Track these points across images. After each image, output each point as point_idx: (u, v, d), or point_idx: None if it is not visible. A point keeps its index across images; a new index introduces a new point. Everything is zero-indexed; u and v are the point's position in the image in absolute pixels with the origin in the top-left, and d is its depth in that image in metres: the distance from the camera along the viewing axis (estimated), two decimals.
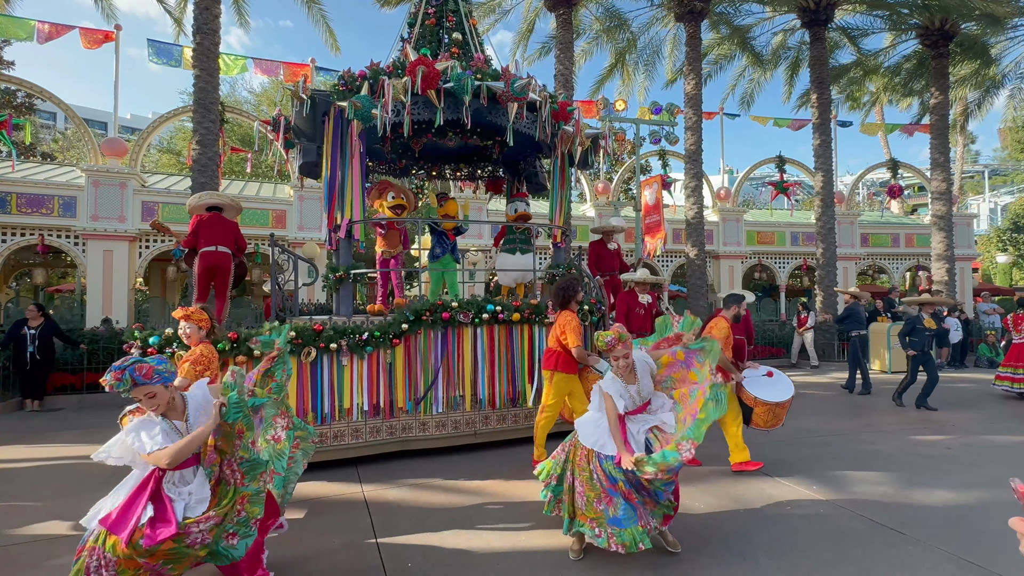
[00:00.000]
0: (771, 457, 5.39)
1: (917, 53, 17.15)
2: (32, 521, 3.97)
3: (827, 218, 14.66)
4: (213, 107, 10.75)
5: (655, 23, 16.67)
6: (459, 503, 4.24)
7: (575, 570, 3.17)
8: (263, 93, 26.41)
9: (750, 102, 18.88)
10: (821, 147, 14.85)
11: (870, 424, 6.92)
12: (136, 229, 11.99)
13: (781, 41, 17.52)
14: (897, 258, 18.83)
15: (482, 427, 5.68)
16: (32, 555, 3.44)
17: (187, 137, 17.20)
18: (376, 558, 3.32)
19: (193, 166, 10.66)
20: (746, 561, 3.24)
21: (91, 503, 2.64)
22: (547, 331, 5.89)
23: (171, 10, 13.89)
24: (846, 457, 5.41)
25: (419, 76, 5.36)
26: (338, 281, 5.99)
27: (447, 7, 6.93)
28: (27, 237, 11.55)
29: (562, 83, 13.49)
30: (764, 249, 17.69)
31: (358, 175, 5.85)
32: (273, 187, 15.51)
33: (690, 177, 14.14)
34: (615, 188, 16.96)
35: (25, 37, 11.83)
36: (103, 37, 12.34)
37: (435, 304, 5.49)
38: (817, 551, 3.37)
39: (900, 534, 3.60)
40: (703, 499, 4.25)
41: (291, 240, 13.03)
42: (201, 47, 10.59)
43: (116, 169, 11.78)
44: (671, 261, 16.92)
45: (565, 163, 6.70)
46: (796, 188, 18.48)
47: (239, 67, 13.94)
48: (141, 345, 4.74)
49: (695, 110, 14.06)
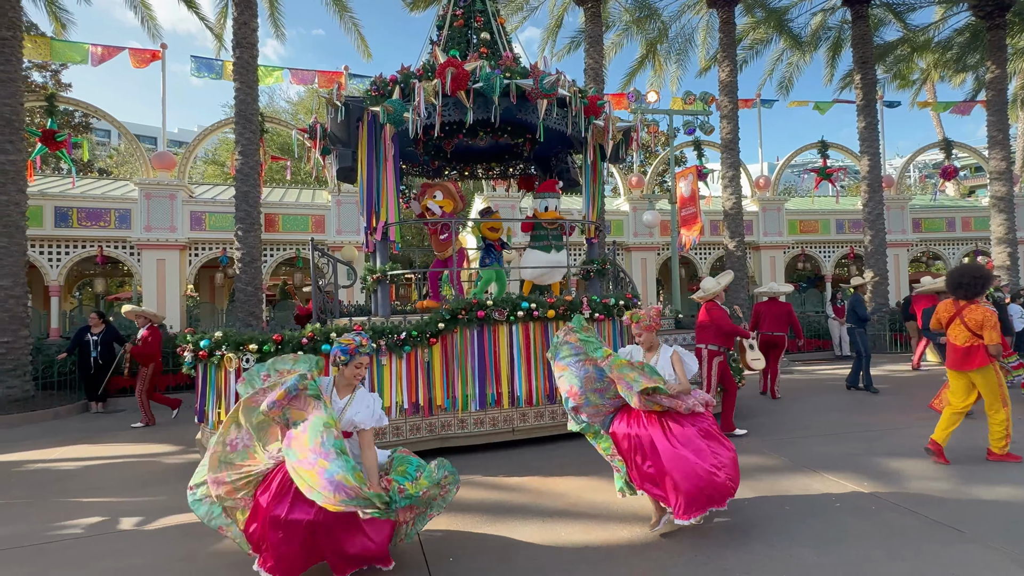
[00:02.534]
0: (817, 452, 5.22)
1: (970, 26, 16.20)
2: (87, 516, 4.23)
3: (875, 204, 14.04)
4: (253, 118, 11.16)
5: (686, 11, 16.31)
6: (499, 499, 4.29)
7: (617, 563, 3.16)
8: (299, 102, 27.16)
9: (789, 87, 18.24)
10: (867, 130, 14.23)
11: (924, 417, 6.60)
12: (186, 238, 12.56)
13: (821, 21, 16.85)
14: (953, 243, 17.86)
15: (520, 424, 5.72)
16: (85, 552, 3.67)
17: (230, 148, 17.88)
18: (419, 553, 3.40)
19: (236, 175, 11.11)
20: (789, 556, 3.16)
21: (151, 498, 2.80)
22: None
23: (212, 26, 14.45)
24: (898, 451, 5.18)
25: (449, 77, 5.43)
26: (376, 282, 6.13)
27: (475, 7, 6.98)
28: (87, 249, 12.25)
29: (592, 77, 13.38)
30: (807, 238, 17.08)
31: (392, 178, 5.98)
32: (312, 193, 15.96)
33: (727, 167, 13.79)
34: (649, 181, 16.69)
35: (80, 60, 12.53)
36: (151, 56, 12.97)
37: (470, 303, 5.55)
38: (865, 548, 3.25)
39: (957, 532, 3.44)
40: (743, 492, 4.16)
41: (330, 244, 13.39)
42: (240, 60, 11.01)
43: (166, 181, 12.37)
44: (709, 253, 16.55)
45: (597, 157, 6.66)
46: (841, 174, 17.77)
47: (276, 77, 14.41)
48: (193, 348, 4.98)
49: (730, 98, 13.70)
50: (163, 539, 3.77)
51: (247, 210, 11.00)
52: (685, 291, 17.62)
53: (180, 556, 3.47)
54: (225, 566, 3.30)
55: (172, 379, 10.01)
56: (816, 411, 7.17)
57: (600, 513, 3.91)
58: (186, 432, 6.83)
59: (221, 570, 3.26)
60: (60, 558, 3.50)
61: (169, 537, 3.79)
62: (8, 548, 3.66)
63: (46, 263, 11.95)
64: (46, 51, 12.54)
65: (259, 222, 11.28)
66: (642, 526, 3.65)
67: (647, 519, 3.67)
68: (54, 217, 11.87)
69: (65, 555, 3.55)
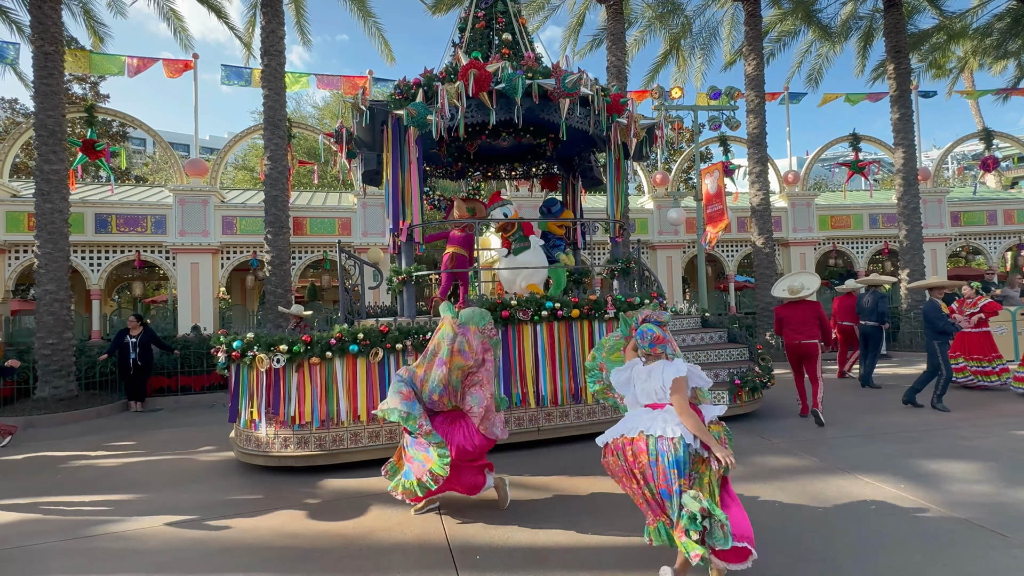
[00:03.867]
0: (851, 453, 5.09)
1: (1012, 10, 15.53)
2: (128, 515, 4.39)
3: (910, 197, 13.59)
4: (281, 124, 11.40)
5: (711, 4, 16.03)
6: (525, 498, 4.30)
7: (641, 563, 3.14)
8: (326, 107, 27.64)
9: (818, 79, 17.75)
10: (901, 121, 13.78)
11: (965, 418, 6.37)
12: (218, 242, 12.91)
13: (851, 11, 16.37)
14: (995, 236, 17.16)
15: (545, 423, 5.72)
16: (131, 545, 3.81)
17: (259, 153, 18.31)
18: (446, 551, 3.43)
19: (265, 180, 11.36)
20: (824, 561, 3.09)
21: (189, 495, 2.88)
22: (606, 326, 5.85)
23: (240, 35, 14.82)
24: (938, 453, 5.02)
25: (471, 79, 5.47)
26: (401, 283, 6.21)
27: (496, 9, 7.01)
28: (125, 254, 12.70)
29: (615, 75, 13.28)
30: (839, 234, 16.63)
31: (416, 180, 6.04)
32: (338, 196, 16.22)
33: (754, 162, 13.52)
34: (674, 178, 16.49)
35: (117, 72, 12.99)
36: (183, 66, 13.36)
37: (494, 303, 5.58)
38: (905, 553, 3.16)
39: (1002, 536, 3.32)
40: (777, 495, 4.09)
41: (356, 246, 13.59)
42: (268, 68, 11.26)
43: (199, 187, 12.73)
44: (736, 250, 16.26)
45: (620, 156, 6.61)
46: (874, 167, 17.22)
47: (302, 84, 14.69)
48: (226, 349, 5.12)
49: (757, 92, 13.43)
50: (204, 532, 3.89)
51: (276, 214, 11.24)
52: (712, 289, 17.34)
53: (217, 550, 3.58)
54: (259, 555, 3.39)
55: (206, 379, 10.30)
56: (850, 410, 6.97)
57: (627, 514, 3.89)
58: (219, 431, 7.02)
59: (255, 561, 3.35)
60: (108, 550, 3.65)
61: (208, 532, 3.91)
62: (60, 540, 3.83)
63: (87, 268, 12.43)
64: (85, 64, 13.03)
65: (287, 226, 11.52)
66: None
67: None
68: (94, 223, 12.34)
69: (112, 547, 3.69)
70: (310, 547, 3.57)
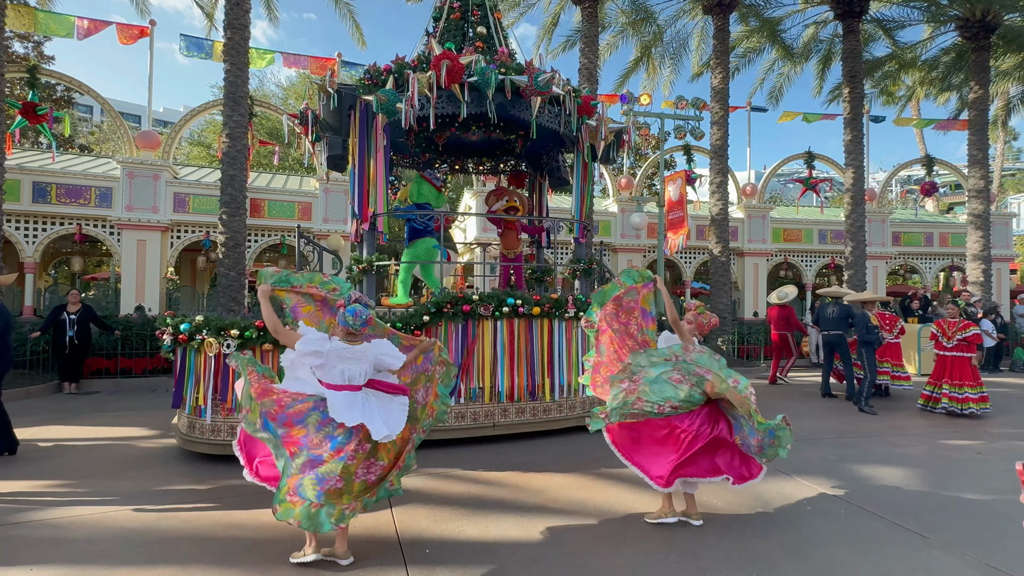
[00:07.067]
0: (792, 457, 5.31)
1: (956, 46, 16.54)
2: (58, 502, 4.15)
3: (857, 216, 14.29)
4: (243, 101, 10.97)
5: (682, 15, 16.40)
6: (477, 493, 4.31)
7: (594, 559, 3.20)
8: (291, 87, 26.79)
9: (779, 96, 18.46)
10: (852, 143, 14.47)
11: (897, 426, 6.78)
12: (168, 219, 12.34)
13: (813, 34, 17.07)
14: (930, 257, 18.28)
15: (501, 419, 5.74)
16: (61, 534, 3.61)
17: (217, 130, 17.57)
18: (395, 544, 3.40)
19: (223, 158, 10.92)
20: (764, 560, 3.23)
21: (126, 482, 2.76)
22: (566, 325, 5.91)
23: (203, 5, 14.18)
24: (871, 459, 5.32)
25: (444, 70, 5.41)
26: (362, 272, 6.10)
27: (472, 1, 6.96)
28: (65, 226, 11.97)
29: (586, 77, 13.40)
30: (791, 247, 17.35)
31: (382, 168, 5.94)
32: (300, 180, 15.77)
33: (715, 172, 13.93)
34: (638, 183, 16.79)
35: (65, 33, 12.20)
36: (138, 33, 12.68)
37: (456, 297, 5.55)
38: (836, 552, 3.34)
39: (922, 537, 3.55)
40: (722, 496, 4.24)
41: (316, 232, 13.24)
42: (231, 42, 10.81)
43: (150, 161, 12.12)
44: (694, 258, 16.73)
45: (588, 158, 6.68)
46: (826, 185, 18.02)
47: (267, 60, 14.19)
48: (173, 332, 4.90)
49: (722, 104, 13.83)
50: (140, 521, 3.72)
51: (233, 194, 10.82)
52: (669, 293, 17.77)
53: (154, 540, 3.43)
54: (199, 546, 3.27)
55: (148, 362, 9.84)
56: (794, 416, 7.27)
57: (578, 510, 3.95)
58: (161, 417, 6.72)
59: (195, 552, 3.23)
60: (32, 539, 3.43)
61: (144, 521, 3.74)
62: None
63: (22, 239, 11.65)
64: (30, 22, 12.18)
65: (245, 207, 11.10)
66: (618, 523, 3.70)
67: (623, 516, 3.74)
68: (32, 192, 11.56)
69: (36, 536, 3.48)
70: (254, 538, 3.47)
